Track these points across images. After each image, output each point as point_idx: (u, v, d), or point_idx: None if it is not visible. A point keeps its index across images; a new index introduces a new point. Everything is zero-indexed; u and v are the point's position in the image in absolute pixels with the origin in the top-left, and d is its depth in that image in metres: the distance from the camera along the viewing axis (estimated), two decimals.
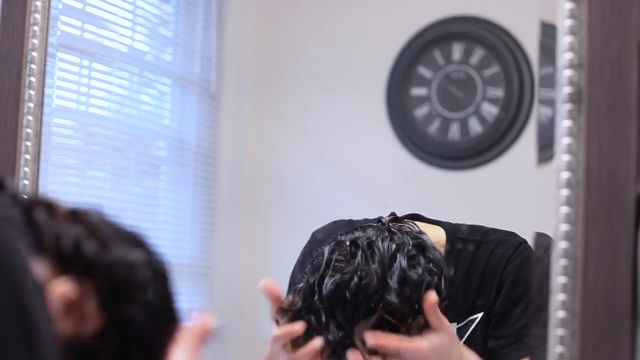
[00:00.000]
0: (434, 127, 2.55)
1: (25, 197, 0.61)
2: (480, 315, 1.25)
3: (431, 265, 1.10)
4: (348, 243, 1.08)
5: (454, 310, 1.14)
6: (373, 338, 1.03)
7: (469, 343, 1.24)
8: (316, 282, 1.06)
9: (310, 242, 1.34)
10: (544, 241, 1.02)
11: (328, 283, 1.05)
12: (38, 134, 1.34)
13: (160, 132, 2.48)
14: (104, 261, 0.59)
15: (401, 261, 1.07)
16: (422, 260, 1.09)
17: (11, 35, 1.32)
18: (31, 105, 1.32)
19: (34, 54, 1.31)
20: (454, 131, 2.53)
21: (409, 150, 2.53)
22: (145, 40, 2.44)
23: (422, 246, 1.11)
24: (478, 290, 1.25)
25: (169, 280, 0.64)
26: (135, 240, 0.63)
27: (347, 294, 1.04)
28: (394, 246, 1.08)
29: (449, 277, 1.12)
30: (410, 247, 1.09)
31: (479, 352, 1.24)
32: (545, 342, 0.91)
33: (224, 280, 2.63)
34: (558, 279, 0.89)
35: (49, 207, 0.60)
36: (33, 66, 1.32)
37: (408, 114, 2.56)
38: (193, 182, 2.56)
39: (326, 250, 1.09)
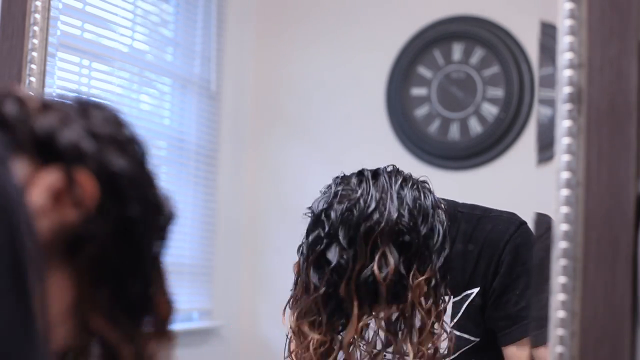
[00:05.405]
0: (434, 127, 2.55)
1: None
2: (476, 290, 1.24)
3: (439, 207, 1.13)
4: (354, 175, 1.13)
5: (450, 284, 1.14)
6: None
7: (464, 317, 1.23)
8: (324, 212, 1.09)
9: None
10: (545, 221, 1.02)
11: (337, 210, 1.08)
12: None
13: (160, 132, 2.48)
14: (84, 145, 0.58)
15: (407, 190, 1.11)
16: (430, 195, 1.13)
17: (11, 35, 1.31)
18: None
19: (34, 54, 1.31)
20: (454, 131, 2.53)
21: (409, 150, 2.53)
22: (145, 40, 2.44)
23: (429, 189, 1.15)
24: (475, 265, 1.24)
25: (151, 166, 0.63)
26: (114, 122, 0.61)
27: (352, 216, 1.07)
28: (400, 177, 1.12)
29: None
30: (415, 182, 1.14)
31: (473, 326, 1.23)
32: (544, 322, 0.90)
33: (224, 280, 2.63)
34: (558, 279, 0.89)
35: (20, 100, 0.58)
36: (33, 66, 1.31)
37: (408, 114, 2.56)
38: (193, 182, 2.56)
39: (333, 184, 1.12)
